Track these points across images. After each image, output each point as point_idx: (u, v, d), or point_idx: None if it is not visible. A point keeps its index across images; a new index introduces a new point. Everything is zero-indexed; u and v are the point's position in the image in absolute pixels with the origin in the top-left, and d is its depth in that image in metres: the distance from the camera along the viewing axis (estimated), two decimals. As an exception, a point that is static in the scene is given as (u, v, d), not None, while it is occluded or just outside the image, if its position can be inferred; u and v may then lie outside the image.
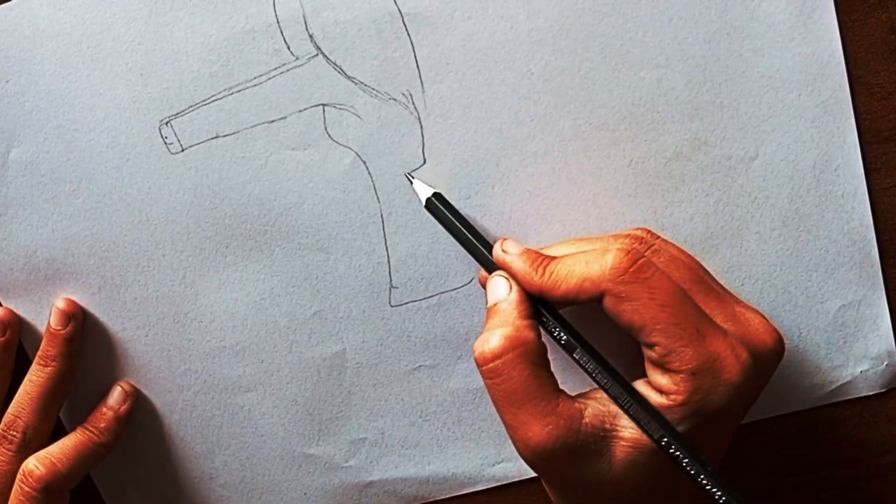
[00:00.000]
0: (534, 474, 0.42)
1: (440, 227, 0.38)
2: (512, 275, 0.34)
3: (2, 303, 0.41)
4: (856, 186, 0.38)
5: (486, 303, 0.34)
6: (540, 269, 0.33)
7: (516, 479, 0.42)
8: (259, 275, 0.40)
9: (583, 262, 0.32)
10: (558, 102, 0.37)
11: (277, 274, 0.40)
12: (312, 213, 0.39)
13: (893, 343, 0.40)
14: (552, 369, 0.33)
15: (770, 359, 0.33)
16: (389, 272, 0.40)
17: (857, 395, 0.40)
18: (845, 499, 0.42)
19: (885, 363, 0.40)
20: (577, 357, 0.33)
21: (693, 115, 0.38)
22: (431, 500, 0.43)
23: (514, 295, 0.33)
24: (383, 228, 0.39)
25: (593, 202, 0.38)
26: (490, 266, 0.35)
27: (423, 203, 0.37)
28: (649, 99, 0.37)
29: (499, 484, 0.42)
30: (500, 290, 0.34)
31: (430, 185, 0.37)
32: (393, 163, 0.38)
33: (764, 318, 0.34)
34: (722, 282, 0.39)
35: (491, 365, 0.32)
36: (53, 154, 0.39)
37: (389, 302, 0.40)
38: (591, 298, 0.32)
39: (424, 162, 0.38)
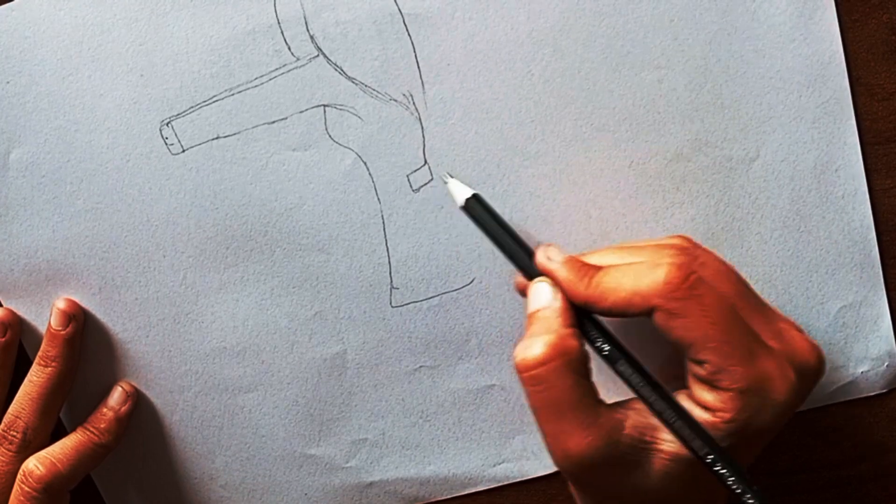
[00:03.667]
0: (535, 475, 0.42)
1: (441, 227, 0.38)
2: (556, 282, 0.33)
3: (2, 303, 0.41)
4: (856, 187, 0.38)
5: (527, 309, 0.34)
6: (586, 280, 0.32)
7: (517, 480, 0.42)
8: (260, 275, 0.40)
9: (632, 276, 0.31)
10: (559, 103, 0.37)
11: (278, 274, 0.40)
12: (313, 214, 0.39)
13: (894, 344, 0.40)
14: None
15: (812, 377, 0.33)
16: (390, 273, 0.40)
17: (858, 396, 0.40)
18: (847, 499, 0.42)
19: (886, 364, 0.40)
20: (620, 369, 0.32)
21: (694, 115, 0.38)
22: (432, 500, 0.43)
23: (559, 303, 0.33)
24: (384, 229, 0.39)
25: (594, 203, 0.38)
26: (530, 272, 0.34)
27: (461, 204, 0.36)
28: (650, 100, 0.37)
29: (500, 484, 0.42)
30: (544, 296, 0.33)
31: (469, 186, 0.36)
32: (394, 164, 0.38)
33: (804, 334, 0.33)
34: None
35: (533, 372, 0.31)
36: (54, 155, 0.39)
37: (390, 302, 0.40)
38: (640, 313, 0.31)
39: (425, 163, 0.38)
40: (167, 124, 0.38)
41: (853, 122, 0.38)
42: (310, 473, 0.43)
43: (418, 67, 0.37)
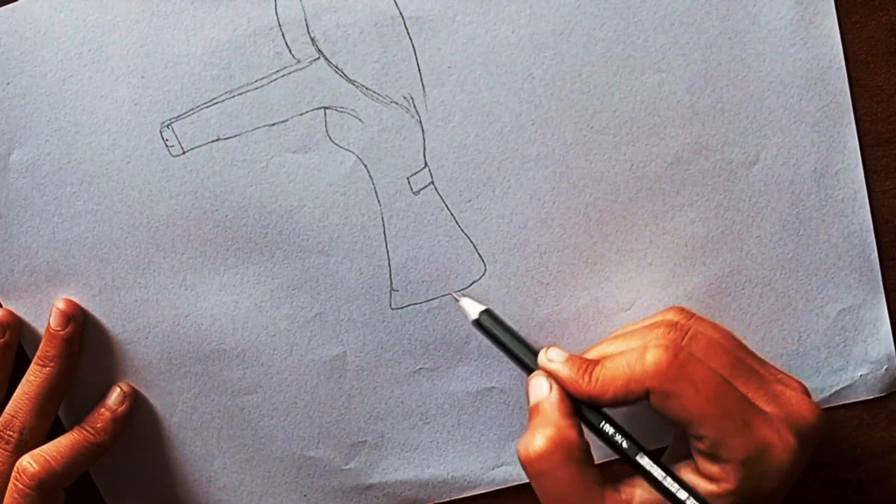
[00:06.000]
0: (534, 477, 0.42)
1: (441, 229, 0.38)
2: (559, 382, 0.34)
3: (2, 304, 0.41)
4: (856, 191, 0.38)
5: (528, 403, 0.35)
6: (586, 377, 0.33)
7: (516, 483, 0.42)
8: (259, 277, 0.40)
9: (625, 365, 0.32)
10: (559, 106, 0.38)
11: (278, 276, 0.40)
12: (313, 216, 0.39)
13: (893, 347, 0.40)
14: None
15: (813, 435, 0.33)
16: (390, 275, 0.40)
17: (857, 399, 0.40)
18: (846, 501, 0.42)
19: (885, 367, 0.40)
20: (637, 461, 0.33)
21: (694, 119, 0.38)
22: (431, 503, 0.43)
23: (555, 394, 0.34)
24: (384, 231, 0.39)
25: (594, 206, 0.38)
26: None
27: (472, 320, 0.37)
28: (650, 103, 0.37)
29: (499, 487, 0.42)
30: (542, 389, 0.34)
31: (480, 302, 0.37)
32: (394, 166, 0.38)
33: (801, 390, 0.34)
34: (722, 286, 0.39)
35: (536, 467, 0.33)
36: (55, 156, 0.39)
37: (390, 305, 0.40)
38: (640, 398, 0.32)
39: (425, 165, 0.38)
40: (168, 126, 0.38)
41: (853, 125, 0.38)
42: (309, 475, 0.43)
43: (419, 70, 0.37)
